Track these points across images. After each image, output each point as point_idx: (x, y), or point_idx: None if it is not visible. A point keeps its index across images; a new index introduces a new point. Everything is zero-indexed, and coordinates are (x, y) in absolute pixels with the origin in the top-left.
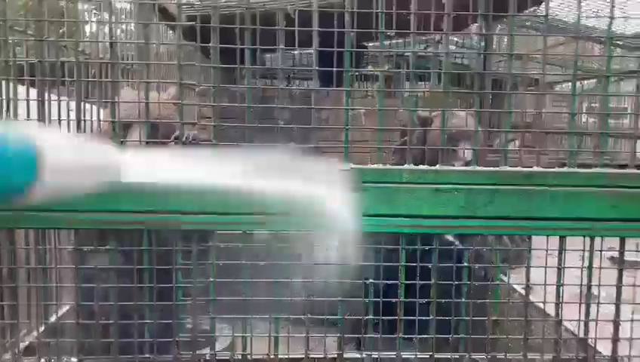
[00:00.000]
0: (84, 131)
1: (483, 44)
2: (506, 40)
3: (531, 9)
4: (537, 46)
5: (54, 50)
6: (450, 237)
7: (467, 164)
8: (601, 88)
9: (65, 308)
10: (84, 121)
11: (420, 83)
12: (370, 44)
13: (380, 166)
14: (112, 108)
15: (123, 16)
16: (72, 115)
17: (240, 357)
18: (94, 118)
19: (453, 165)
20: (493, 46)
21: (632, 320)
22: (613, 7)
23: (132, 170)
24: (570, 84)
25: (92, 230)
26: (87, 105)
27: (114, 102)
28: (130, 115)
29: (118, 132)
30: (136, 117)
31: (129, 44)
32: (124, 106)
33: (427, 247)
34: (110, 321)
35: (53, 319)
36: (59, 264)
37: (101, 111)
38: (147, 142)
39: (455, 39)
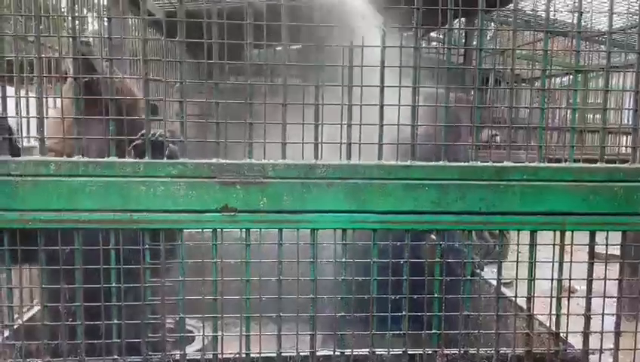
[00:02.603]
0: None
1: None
2: (488, 36)
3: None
4: (522, 42)
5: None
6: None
7: None
8: (575, 84)
9: (33, 311)
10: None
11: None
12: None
13: (350, 162)
14: (76, 105)
15: (95, 13)
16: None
17: (211, 356)
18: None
19: None
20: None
21: (602, 314)
22: (581, 2)
23: None
24: (557, 79)
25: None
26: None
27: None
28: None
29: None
30: None
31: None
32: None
33: (397, 244)
34: (77, 322)
35: (20, 321)
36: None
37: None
38: (111, 139)
39: (434, 35)
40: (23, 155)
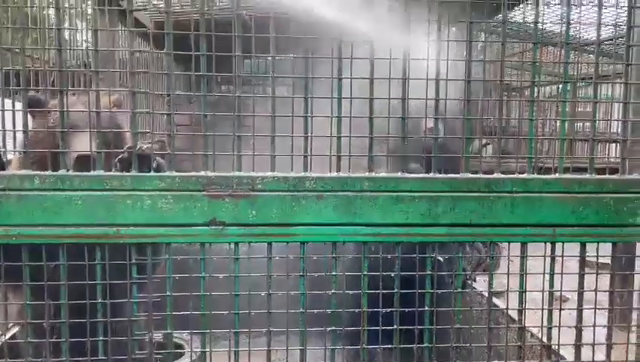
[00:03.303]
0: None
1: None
2: (479, 46)
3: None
4: (512, 52)
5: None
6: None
7: None
8: (564, 95)
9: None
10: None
11: None
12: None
13: (340, 174)
14: (61, 118)
15: (84, 23)
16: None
17: None
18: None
19: None
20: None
21: (594, 326)
22: (569, 13)
23: None
24: (547, 88)
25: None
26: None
27: (62, 110)
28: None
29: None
30: (80, 126)
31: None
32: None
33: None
34: (62, 339)
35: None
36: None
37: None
38: (98, 153)
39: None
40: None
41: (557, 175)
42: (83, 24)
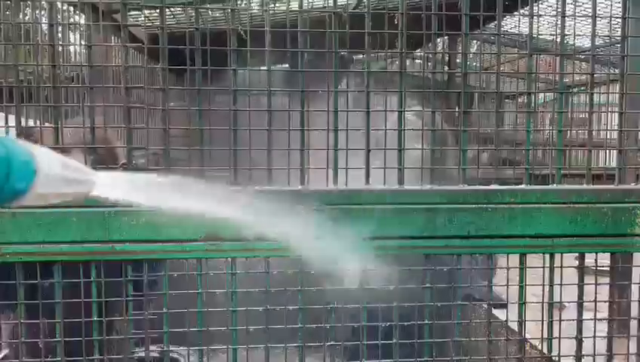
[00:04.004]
0: None
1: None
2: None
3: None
4: (505, 59)
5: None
6: None
7: None
8: (560, 106)
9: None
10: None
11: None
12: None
13: (338, 187)
14: (55, 132)
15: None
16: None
17: None
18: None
19: None
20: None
21: (594, 336)
22: (563, 24)
23: (104, 186)
24: (540, 96)
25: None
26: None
27: (55, 127)
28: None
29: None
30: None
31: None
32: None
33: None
34: (57, 359)
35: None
36: None
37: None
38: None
39: (419, 54)
40: None
41: (555, 185)
42: (76, 36)
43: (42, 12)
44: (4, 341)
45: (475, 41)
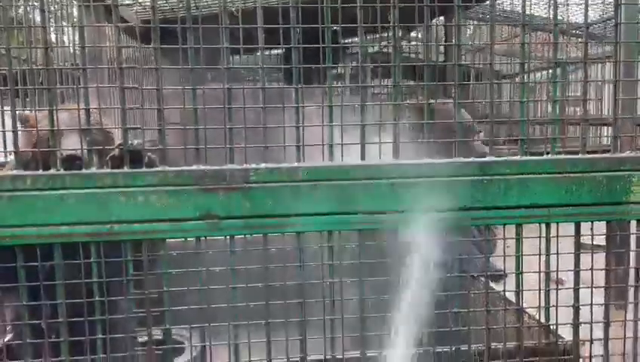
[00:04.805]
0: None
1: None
2: (468, 33)
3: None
4: (501, 39)
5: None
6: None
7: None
8: (554, 76)
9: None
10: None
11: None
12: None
13: (333, 163)
14: (50, 116)
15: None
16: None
17: None
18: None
19: None
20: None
21: (591, 304)
22: None
23: None
24: (537, 74)
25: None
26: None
27: (51, 109)
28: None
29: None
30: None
31: (76, 50)
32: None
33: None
34: (60, 339)
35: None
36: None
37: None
38: (88, 150)
39: (414, 34)
40: None
41: (549, 156)
42: (69, 25)
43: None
44: (8, 323)
45: (470, 22)
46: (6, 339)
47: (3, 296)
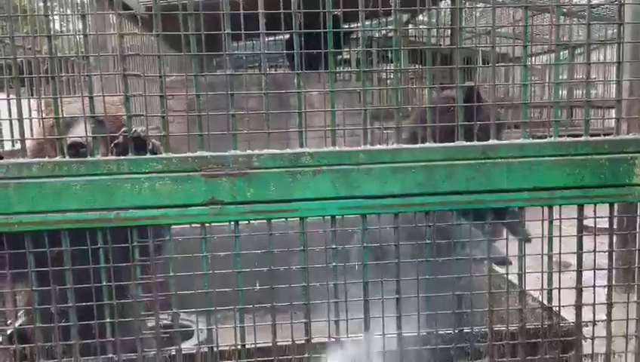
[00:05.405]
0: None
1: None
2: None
3: None
4: (508, 21)
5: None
6: None
7: None
8: (557, 59)
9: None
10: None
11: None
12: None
13: (336, 148)
14: (54, 104)
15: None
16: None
17: (207, 350)
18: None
19: None
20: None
21: (594, 286)
22: None
23: None
24: (543, 58)
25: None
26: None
27: (55, 97)
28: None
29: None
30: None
31: (78, 39)
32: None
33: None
34: (70, 323)
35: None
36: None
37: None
38: (94, 138)
39: (421, 18)
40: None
41: (552, 138)
42: (74, 13)
43: None
44: (19, 308)
45: (480, 4)
46: (17, 324)
47: (17, 281)
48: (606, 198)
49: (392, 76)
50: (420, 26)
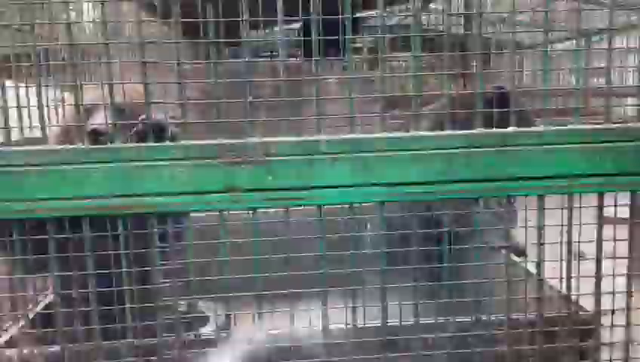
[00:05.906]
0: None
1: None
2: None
3: None
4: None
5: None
6: None
7: None
8: (577, 45)
9: (48, 299)
10: (47, 106)
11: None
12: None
13: (354, 135)
14: (75, 92)
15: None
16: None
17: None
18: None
19: None
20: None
21: (613, 275)
22: None
23: None
24: (559, 45)
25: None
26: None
27: (75, 85)
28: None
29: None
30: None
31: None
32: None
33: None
34: (91, 308)
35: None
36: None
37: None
38: (114, 125)
39: (434, 6)
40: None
41: (572, 125)
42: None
43: None
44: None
45: None
46: (38, 308)
47: (41, 267)
48: (626, 186)
49: (402, 65)
50: (436, 14)
